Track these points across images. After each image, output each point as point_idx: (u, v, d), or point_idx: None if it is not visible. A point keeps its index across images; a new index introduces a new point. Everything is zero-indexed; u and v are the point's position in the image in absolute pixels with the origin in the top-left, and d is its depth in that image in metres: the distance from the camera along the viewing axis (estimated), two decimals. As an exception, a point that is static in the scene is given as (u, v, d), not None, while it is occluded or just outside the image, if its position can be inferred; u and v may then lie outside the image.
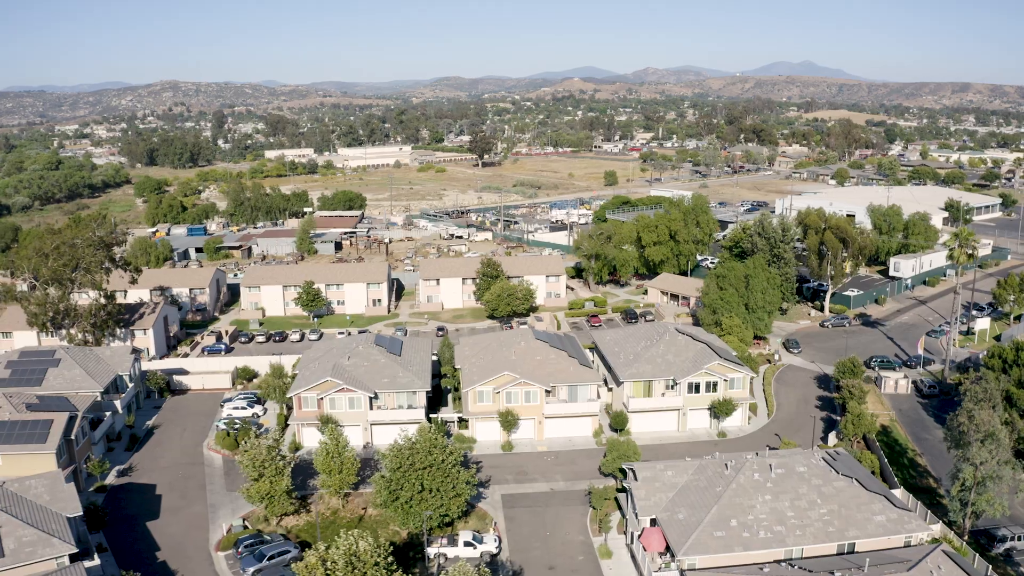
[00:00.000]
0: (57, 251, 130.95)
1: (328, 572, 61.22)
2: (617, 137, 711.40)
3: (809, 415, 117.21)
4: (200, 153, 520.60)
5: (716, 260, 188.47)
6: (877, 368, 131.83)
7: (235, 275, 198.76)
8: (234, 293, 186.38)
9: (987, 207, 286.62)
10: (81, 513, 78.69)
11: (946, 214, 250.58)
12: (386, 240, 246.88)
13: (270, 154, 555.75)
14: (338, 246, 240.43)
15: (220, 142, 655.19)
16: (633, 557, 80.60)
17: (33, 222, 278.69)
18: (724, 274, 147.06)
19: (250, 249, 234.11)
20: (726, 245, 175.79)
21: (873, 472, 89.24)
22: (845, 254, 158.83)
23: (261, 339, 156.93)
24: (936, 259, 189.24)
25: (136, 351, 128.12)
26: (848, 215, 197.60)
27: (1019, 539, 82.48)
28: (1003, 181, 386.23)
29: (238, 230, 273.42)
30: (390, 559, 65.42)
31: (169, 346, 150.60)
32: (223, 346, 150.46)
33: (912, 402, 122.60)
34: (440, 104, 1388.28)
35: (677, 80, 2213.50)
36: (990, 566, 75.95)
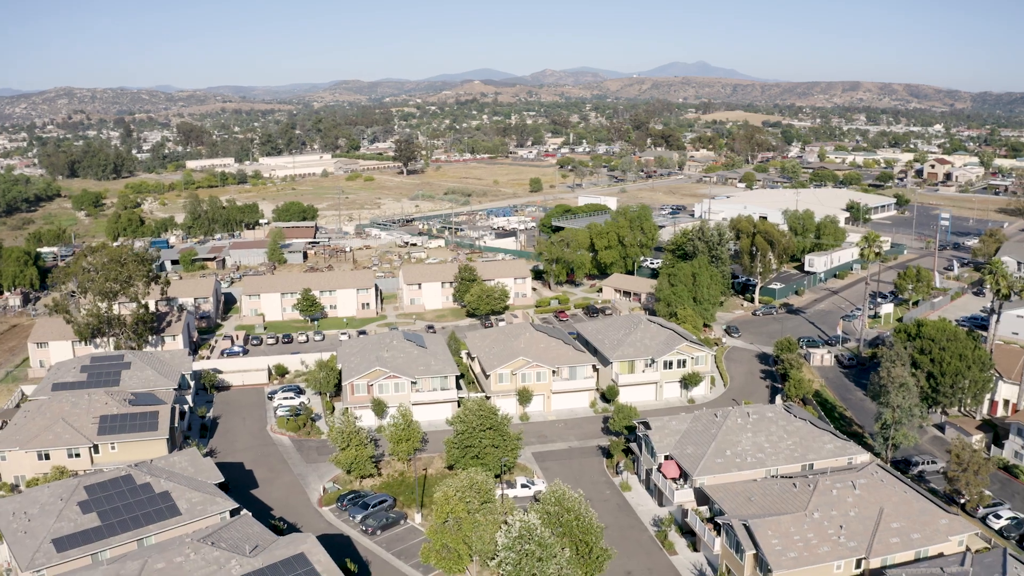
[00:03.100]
0: (106, 267, 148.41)
1: (460, 495, 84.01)
2: (529, 143, 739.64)
3: (756, 384, 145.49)
4: (123, 165, 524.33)
5: (655, 261, 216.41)
6: (805, 346, 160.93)
7: (227, 285, 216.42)
8: (226, 302, 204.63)
9: (883, 206, 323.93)
10: (223, 479, 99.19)
11: (848, 214, 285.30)
12: (347, 249, 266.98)
13: (191, 164, 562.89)
14: (304, 256, 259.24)
15: (134, 152, 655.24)
16: (648, 488, 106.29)
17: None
18: (674, 273, 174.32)
19: (224, 260, 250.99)
20: (669, 248, 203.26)
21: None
22: (772, 254, 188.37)
23: (271, 341, 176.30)
24: (844, 255, 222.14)
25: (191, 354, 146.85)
26: (761, 217, 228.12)
27: (927, 463, 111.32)
28: (896, 181, 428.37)
29: (198, 242, 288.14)
30: (489, 488, 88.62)
31: (193, 350, 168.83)
32: (240, 348, 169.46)
33: (835, 372, 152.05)
34: (342, 108, 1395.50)
35: (575, 82, 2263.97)
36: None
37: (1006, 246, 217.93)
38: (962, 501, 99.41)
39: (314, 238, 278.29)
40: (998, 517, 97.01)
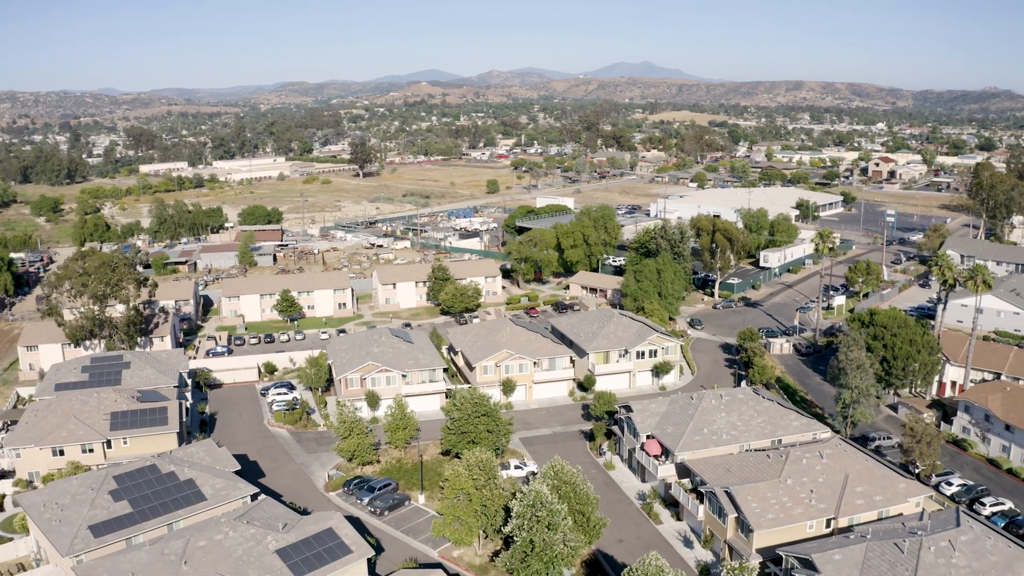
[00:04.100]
0: (99, 271, 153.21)
1: (469, 472, 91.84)
2: (482, 144, 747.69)
3: (722, 371, 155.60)
4: (76, 170, 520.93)
5: (618, 259, 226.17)
6: (765, 336, 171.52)
7: (202, 287, 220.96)
8: (204, 304, 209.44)
9: (831, 204, 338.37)
10: (239, 468, 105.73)
11: (798, 212, 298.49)
12: (315, 251, 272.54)
13: (144, 168, 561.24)
14: (273, 258, 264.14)
15: (84, 156, 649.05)
16: (630, 467, 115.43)
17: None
18: (640, 269, 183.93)
19: (195, 264, 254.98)
20: (633, 246, 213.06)
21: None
22: (730, 251, 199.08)
23: (254, 341, 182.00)
24: (796, 251, 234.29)
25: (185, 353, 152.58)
26: (714, 215, 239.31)
27: (883, 439, 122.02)
28: (843, 179, 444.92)
29: (165, 246, 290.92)
30: (493, 467, 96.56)
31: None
32: (224, 349, 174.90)
33: (794, 360, 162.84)
34: (289, 111, 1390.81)
35: (522, 82, 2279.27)
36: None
37: (949, 241, 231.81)
38: (917, 471, 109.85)
39: (281, 241, 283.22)
40: (949, 484, 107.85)
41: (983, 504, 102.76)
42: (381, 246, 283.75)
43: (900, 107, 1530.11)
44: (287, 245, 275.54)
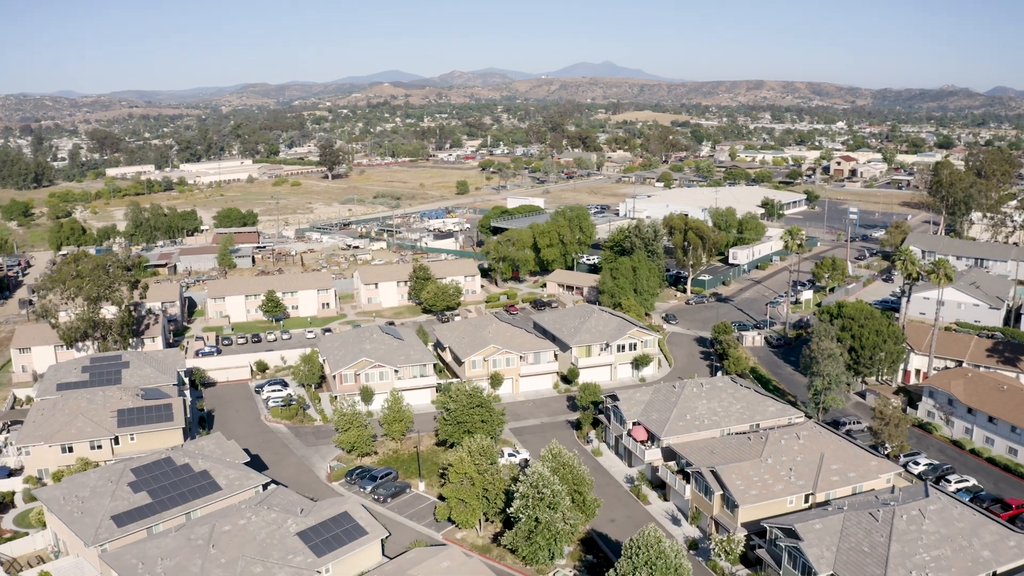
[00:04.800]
0: (93, 273, 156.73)
1: (472, 458, 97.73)
2: (448, 145, 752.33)
3: (698, 363, 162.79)
4: (44, 174, 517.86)
5: (592, 258, 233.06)
6: (737, 329, 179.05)
7: (184, 289, 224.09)
8: (188, 306, 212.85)
9: (795, 202, 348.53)
10: (248, 459, 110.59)
11: (763, 210, 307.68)
12: (292, 253, 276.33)
13: (111, 172, 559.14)
14: (252, 260, 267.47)
15: (49, 160, 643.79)
16: (617, 453, 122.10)
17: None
18: (616, 267, 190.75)
19: (175, 267, 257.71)
20: (607, 245, 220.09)
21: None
22: (702, 248, 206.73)
23: (241, 341, 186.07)
24: (764, 248, 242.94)
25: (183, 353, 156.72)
26: (682, 214, 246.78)
27: (853, 424, 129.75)
28: (805, 178, 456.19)
29: (141, 249, 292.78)
30: (493, 452, 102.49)
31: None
32: (212, 349, 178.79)
33: (766, 351, 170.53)
34: (251, 112, 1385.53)
35: (484, 83, 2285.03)
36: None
37: (911, 237, 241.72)
38: (886, 452, 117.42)
39: (259, 243, 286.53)
40: (916, 464, 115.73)
41: (948, 481, 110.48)
42: (357, 247, 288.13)
43: (859, 106, 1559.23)
44: (265, 247, 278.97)
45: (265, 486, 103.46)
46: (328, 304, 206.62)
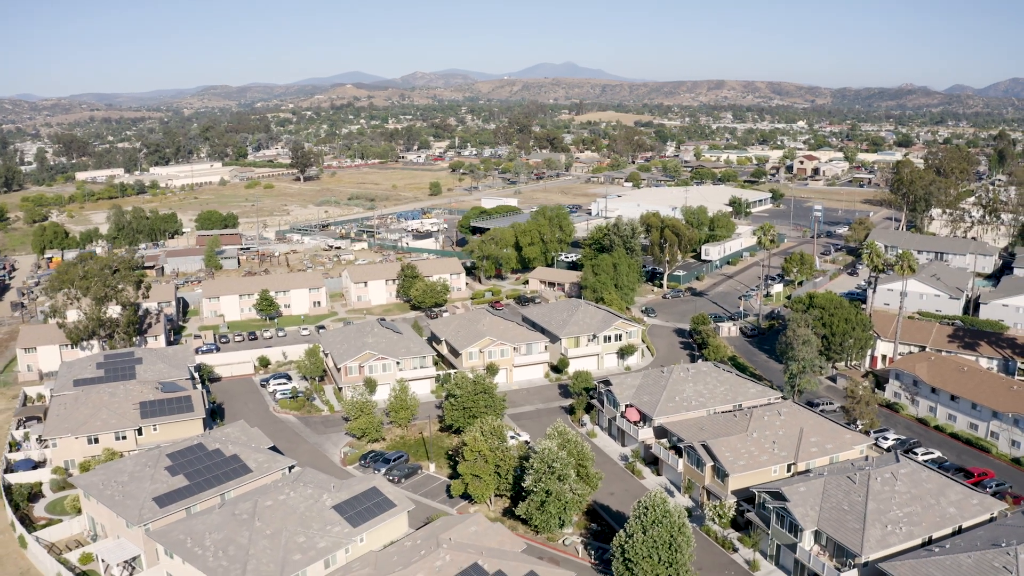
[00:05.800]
0: (101, 273, 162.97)
1: (484, 437, 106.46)
2: (416, 147, 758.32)
3: (679, 352, 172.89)
4: (14, 178, 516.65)
5: (571, 255, 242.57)
6: (714, 321, 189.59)
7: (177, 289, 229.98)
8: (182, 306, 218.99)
9: (761, 200, 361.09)
10: (272, 445, 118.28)
11: (731, 208, 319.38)
12: (275, 254, 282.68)
13: (80, 175, 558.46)
14: (238, 261, 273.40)
15: (17, 163, 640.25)
16: (611, 434, 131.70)
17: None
18: (598, 263, 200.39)
19: (162, 268, 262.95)
20: (587, 242, 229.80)
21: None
22: (678, 245, 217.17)
23: (238, 339, 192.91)
24: (735, 245, 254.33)
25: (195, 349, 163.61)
26: (656, 212, 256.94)
27: (826, 405, 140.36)
28: (769, 177, 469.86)
29: (124, 252, 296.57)
30: (503, 433, 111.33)
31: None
32: (211, 346, 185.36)
33: (741, 341, 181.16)
34: (213, 114, 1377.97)
35: (446, 84, 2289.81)
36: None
37: (874, 232, 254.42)
38: (857, 429, 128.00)
39: (243, 244, 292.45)
40: (886, 439, 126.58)
41: (915, 454, 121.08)
42: (340, 248, 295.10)
43: (819, 105, 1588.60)
44: (249, 248, 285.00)
45: (290, 469, 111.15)
46: (319, 302, 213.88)
